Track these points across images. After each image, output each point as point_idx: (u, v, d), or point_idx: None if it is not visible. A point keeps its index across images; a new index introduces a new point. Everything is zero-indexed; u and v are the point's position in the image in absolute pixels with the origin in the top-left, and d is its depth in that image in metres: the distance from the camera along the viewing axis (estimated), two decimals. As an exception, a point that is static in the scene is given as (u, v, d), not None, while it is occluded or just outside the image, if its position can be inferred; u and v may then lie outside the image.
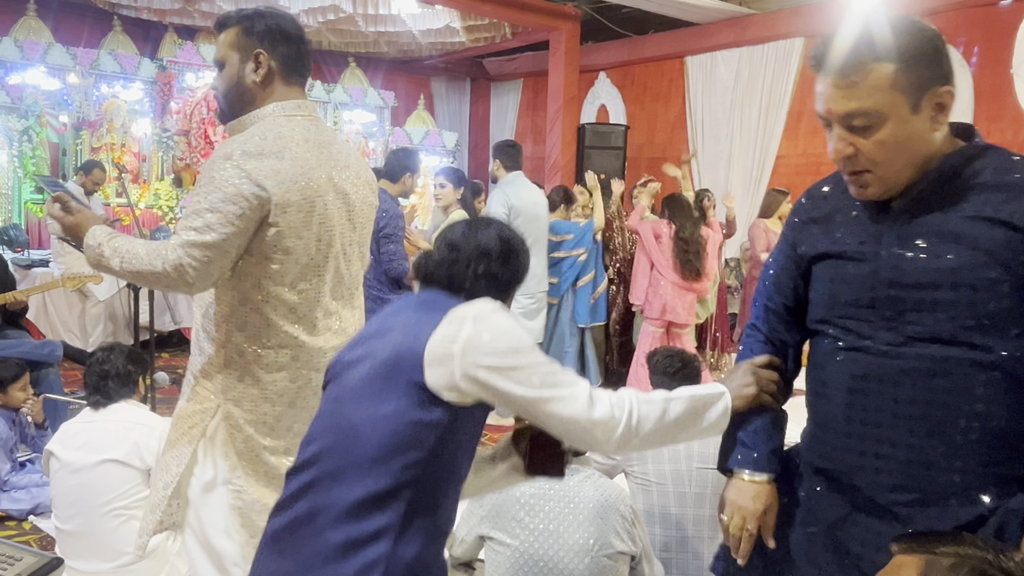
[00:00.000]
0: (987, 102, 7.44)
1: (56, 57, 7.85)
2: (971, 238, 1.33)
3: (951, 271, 1.33)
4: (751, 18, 9.12)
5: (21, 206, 7.94)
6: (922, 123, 1.34)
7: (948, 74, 1.35)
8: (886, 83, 1.31)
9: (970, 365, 1.34)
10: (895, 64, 1.31)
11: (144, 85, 8.50)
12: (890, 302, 1.39)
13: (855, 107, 1.33)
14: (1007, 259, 1.31)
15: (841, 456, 1.48)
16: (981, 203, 1.34)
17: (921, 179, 1.37)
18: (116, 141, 8.49)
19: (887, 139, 1.34)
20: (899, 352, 1.39)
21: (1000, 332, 1.33)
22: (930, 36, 1.34)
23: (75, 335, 6.58)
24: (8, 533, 3.43)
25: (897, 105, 1.32)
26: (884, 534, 1.41)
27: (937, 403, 1.36)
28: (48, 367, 4.27)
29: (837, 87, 1.35)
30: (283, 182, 1.80)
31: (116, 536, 2.75)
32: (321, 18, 8.72)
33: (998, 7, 7.36)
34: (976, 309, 1.33)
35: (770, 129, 9.07)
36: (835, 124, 1.37)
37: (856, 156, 1.37)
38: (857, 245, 1.44)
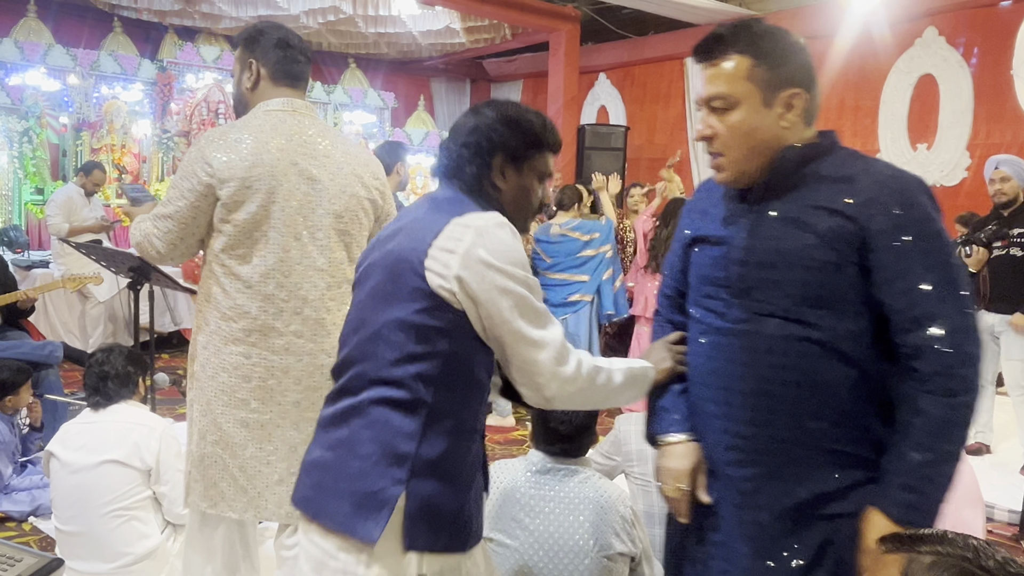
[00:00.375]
0: (987, 103, 7.44)
1: (56, 58, 7.85)
2: (809, 224, 1.47)
3: (789, 252, 1.47)
4: (751, 19, 9.12)
5: (21, 207, 7.94)
6: (771, 118, 1.51)
7: (804, 81, 1.52)
8: (743, 74, 1.50)
9: (801, 341, 1.46)
10: (753, 59, 1.49)
11: (144, 86, 8.50)
12: (739, 280, 1.53)
13: (714, 91, 1.52)
14: (838, 244, 1.44)
15: (703, 433, 1.61)
16: (821, 194, 1.48)
17: (770, 170, 1.53)
18: (116, 142, 8.49)
19: (737, 124, 1.51)
20: (743, 330, 1.52)
21: (832, 311, 1.45)
22: (791, 44, 1.53)
23: (75, 336, 6.58)
24: (8, 534, 3.43)
25: (750, 95, 1.50)
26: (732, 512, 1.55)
27: (775, 379, 1.48)
28: (48, 368, 4.27)
29: (705, 73, 1.54)
30: (231, 159, 2.00)
31: (116, 537, 2.75)
32: (321, 19, 8.73)
33: (998, 8, 7.36)
34: (809, 288, 1.46)
35: (770, 130, 9.07)
36: (702, 106, 1.56)
37: (713, 138, 1.55)
38: (718, 230, 1.60)
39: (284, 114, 2.09)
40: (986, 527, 2.82)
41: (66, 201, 6.53)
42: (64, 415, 4.06)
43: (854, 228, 1.44)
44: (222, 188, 2.00)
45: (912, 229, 1.43)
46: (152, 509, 2.83)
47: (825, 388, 1.46)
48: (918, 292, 1.42)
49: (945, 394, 1.41)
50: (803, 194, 1.50)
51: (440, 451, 1.47)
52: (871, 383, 1.49)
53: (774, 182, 1.52)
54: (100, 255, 4.22)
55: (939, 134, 7.75)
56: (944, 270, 1.44)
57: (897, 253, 1.43)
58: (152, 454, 2.76)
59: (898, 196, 1.45)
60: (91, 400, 2.89)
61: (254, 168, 2.00)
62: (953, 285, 1.43)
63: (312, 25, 8.92)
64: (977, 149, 7.52)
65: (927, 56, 7.81)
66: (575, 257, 5.77)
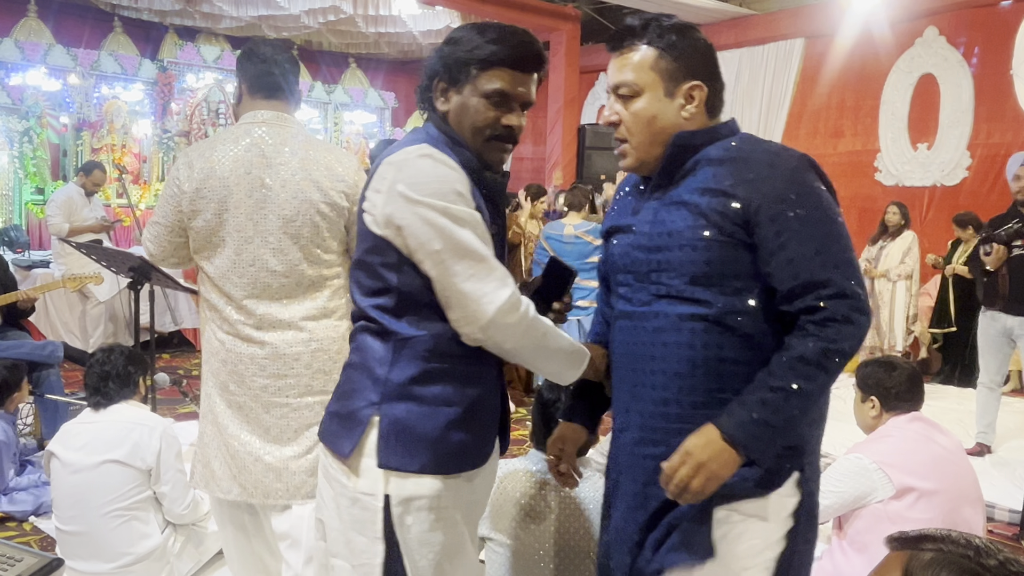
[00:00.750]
0: (988, 102, 7.44)
1: (57, 58, 7.86)
2: (694, 205, 1.52)
3: (676, 233, 1.53)
4: (751, 19, 9.12)
5: (22, 207, 7.95)
6: (673, 108, 1.57)
7: (706, 75, 1.58)
8: (647, 63, 1.56)
9: (694, 319, 1.51)
10: (658, 51, 1.56)
11: (144, 86, 8.51)
12: (640, 265, 1.60)
13: (620, 79, 1.58)
14: (719, 222, 1.49)
15: (618, 416, 1.67)
16: (708, 176, 1.53)
17: (665, 156, 1.58)
18: (117, 142, 8.50)
19: (640, 111, 1.57)
20: (645, 312, 1.58)
21: (722, 289, 1.50)
22: (696, 39, 1.58)
23: (76, 336, 6.58)
24: (8, 534, 3.43)
25: (653, 84, 1.56)
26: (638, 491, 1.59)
27: (672, 358, 1.53)
28: (49, 368, 4.27)
29: (615, 62, 1.60)
30: (191, 173, 2.19)
31: (116, 536, 2.75)
32: (322, 19, 8.73)
33: (998, 8, 7.36)
34: (696, 267, 1.51)
35: (770, 129, 9.06)
36: (610, 93, 1.61)
37: (618, 124, 1.60)
38: (627, 219, 1.66)
39: (251, 126, 2.23)
40: (986, 527, 2.82)
41: (66, 201, 6.53)
42: (65, 415, 4.06)
43: (738, 206, 1.48)
44: (183, 198, 2.20)
45: (793, 202, 1.47)
46: (152, 509, 2.83)
47: (721, 366, 1.50)
48: (802, 261, 1.45)
49: (820, 339, 1.43)
50: (694, 178, 1.55)
51: (410, 375, 1.55)
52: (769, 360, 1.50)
53: (669, 168, 1.58)
54: (100, 255, 4.22)
55: (939, 134, 7.75)
56: (826, 238, 1.47)
57: (779, 226, 1.46)
58: (152, 454, 2.76)
59: (779, 171, 1.49)
60: (92, 400, 2.89)
61: (208, 180, 2.17)
62: (837, 251, 1.47)
63: (312, 25, 8.92)
64: (978, 149, 7.52)
65: (928, 56, 7.81)
66: (585, 261, 5.75)
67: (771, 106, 9.04)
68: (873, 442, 2.62)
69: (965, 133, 7.56)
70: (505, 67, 1.57)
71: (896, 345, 6.69)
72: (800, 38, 8.71)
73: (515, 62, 1.57)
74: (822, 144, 8.75)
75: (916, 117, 7.92)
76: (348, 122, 9.92)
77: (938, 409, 5.55)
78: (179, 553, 2.91)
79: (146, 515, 2.81)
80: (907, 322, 6.80)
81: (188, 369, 6.62)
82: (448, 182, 1.51)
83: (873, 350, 6.72)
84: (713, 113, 1.61)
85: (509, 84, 1.58)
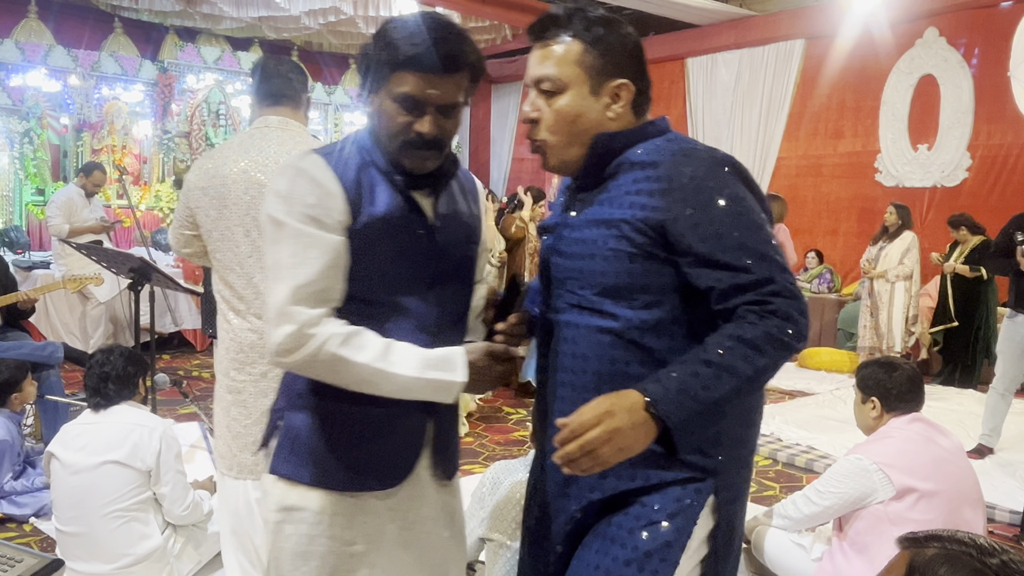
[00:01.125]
0: (988, 103, 7.44)
1: (57, 59, 7.86)
2: (608, 213, 1.44)
3: (589, 242, 1.45)
4: (752, 20, 9.12)
5: (22, 208, 7.95)
6: (598, 106, 1.47)
7: (633, 72, 1.48)
8: (572, 58, 1.46)
9: (601, 332, 1.44)
10: (584, 46, 1.45)
11: (145, 87, 8.51)
12: (558, 270, 1.52)
13: (543, 73, 1.47)
14: (631, 233, 1.40)
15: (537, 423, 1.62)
16: (627, 182, 1.44)
17: (587, 158, 1.49)
18: (117, 143, 8.50)
19: (563, 108, 1.46)
20: (559, 320, 1.51)
21: (632, 302, 1.42)
22: (625, 34, 1.48)
23: (76, 337, 6.58)
24: (9, 535, 3.43)
25: (578, 81, 1.46)
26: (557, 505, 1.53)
27: (578, 369, 1.47)
28: (49, 369, 4.27)
29: (536, 55, 1.49)
30: (199, 172, 2.35)
31: (116, 537, 2.75)
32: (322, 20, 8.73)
33: (999, 8, 7.36)
34: (605, 278, 1.43)
35: (771, 130, 9.07)
36: (530, 88, 1.50)
37: (539, 122, 1.49)
38: (554, 220, 1.59)
39: (256, 130, 2.38)
40: (987, 528, 2.82)
41: (66, 202, 6.53)
42: (65, 416, 4.06)
43: (655, 217, 1.38)
44: (190, 195, 2.36)
45: (714, 206, 1.36)
46: (152, 510, 2.83)
47: (627, 383, 1.34)
48: (731, 263, 1.34)
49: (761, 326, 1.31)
50: (614, 183, 1.46)
51: (304, 385, 1.52)
52: None
53: (590, 171, 1.50)
54: (101, 256, 4.22)
55: (940, 135, 7.75)
56: (757, 240, 1.36)
57: (702, 232, 1.35)
58: (152, 455, 2.76)
59: (700, 178, 1.38)
60: (91, 401, 2.89)
61: (212, 178, 2.31)
62: (772, 252, 1.36)
63: (313, 26, 8.92)
64: (978, 150, 7.52)
65: (928, 56, 7.81)
66: None
67: (771, 107, 9.05)
68: (873, 443, 2.62)
69: (965, 134, 7.57)
70: (413, 69, 1.42)
71: (895, 346, 6.69)
72: (800, 39, 8.72)
73: (424, 64, 1.41)
74: (822, 145, 8.75)
75: (916, 118, 7.92)
76: (348, 123, 9.92)
77: (938, 410, 5.55)
78: (179, 554, 2.90)
79: (146, 516, 2.81)
80: (907, 323, 6.80)
81: (188, 370, 6.61)
82: (299, 192, 1.43)
83: (872, 351, 6.72)
84: (639, 112, 1.51)
85: (417, 87, 1.42)
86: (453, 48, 1.44)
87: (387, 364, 1.42)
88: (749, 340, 1.30)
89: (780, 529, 2.81)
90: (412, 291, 1.51)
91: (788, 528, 2.78)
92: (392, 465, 1.54)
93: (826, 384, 6.66)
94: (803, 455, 4.79)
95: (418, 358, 1.44)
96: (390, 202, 1.48)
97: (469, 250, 1.61)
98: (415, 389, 1.44)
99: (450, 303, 1.57)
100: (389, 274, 1.48)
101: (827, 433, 5.19)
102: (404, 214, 1.49)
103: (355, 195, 1.46)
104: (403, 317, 1.50)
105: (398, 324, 1.49)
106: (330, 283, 1.44)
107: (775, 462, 4.81)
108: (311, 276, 1.41)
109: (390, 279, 1.49)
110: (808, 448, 4.94)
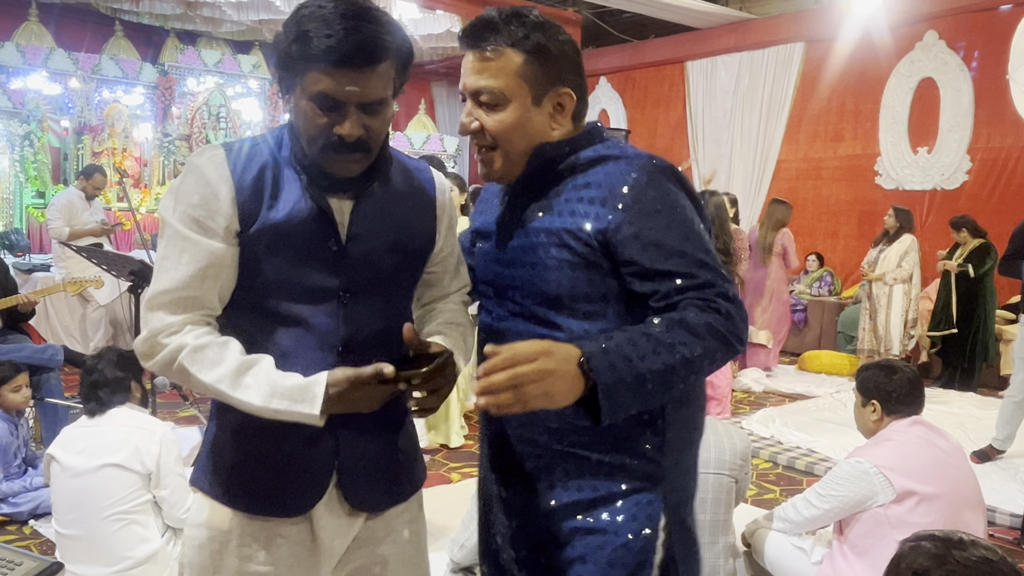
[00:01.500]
0: (988, 106, 7.45)
1: (58, 62, 7.87)
2: (548, 221, 1.41)
3: (529, 250, 1.42)
4: (751, 23, 9.13)
5: (23, 210, 7.95)
6: (542, 116, 1.43)
7: (575, 81, 1.45)
8: (513, 69, 1.39)
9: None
10: (524, 56, 1.39)
11: (145, 90, 8.52)
12: (498, 279, 1.49)
13: (483, 84, 1.40)
14: (571, 241, 1.37)
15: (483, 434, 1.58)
16: (567, 190, 1.42)
17: (527, 165, 1.45)
18: (117, 146, 8.51)
19: (506, 120, 1.41)
20: (501, 328, 1.48)
21: (574, 311, 1.39)
22: (564, 42, 1.43)
23: (76, 339, 6.58)
24: (8, 538, 3.43)
25: (520, 93, 1.40)
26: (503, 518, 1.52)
27: None
28: (49, 371, 4.27)
29: (473, 64, 1.42)
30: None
31: (116, 540, 2.75)
32: (322, 23, 8.74)
33: (998, 12, 7.37)
34: (547, 287, 1.40)
35: (771, 133, 9.08)
36: (468, 98, 1.44)
37: (481, 132, 1.43)
38: (489, 226, 1.54)
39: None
40: (987, 531, 2.82)
41: (67, 205, 6.54)
42: (65, 419, 4.06)
43: (594, 226, 1.35)
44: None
45: (653, 215, 1.33)
46: (153, 513, 2.83)
47: None
48: (672, 271, 1.31)
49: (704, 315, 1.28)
50: (555, 192, 1.43)
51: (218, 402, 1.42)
52: None
53: (530, 179, 1.46)
54: (101, 258, 4.22)
55: (940, 138, 7.76)
56: (696, 246, 1.33)
57: (643, 240, 1.33)
58: (152, 458, 2.76)
59: (638, 186, 1.35)
60: (86, 407, 2.89)
61: None
62: (711, 258, 1.34)
63: (313, 29, 8.93)
64: (978, 153, 7.53)
65: (927, 60, 7.82)
66: None
67: (771, 110, 9.05)
68: (874, 446, 2.62)
69: (965, 137, 7.57)
70: (325, 64, 1.24)
71: (892, 349, 6.69)
72: (800, 42, 8.73)
73: (336, 58, 1.23)
74: (822, 148, 8.76)
75: (916, 121, 7.93)
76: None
77: (939, 413, 5.55)
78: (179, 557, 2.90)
79: (146, 519, 2.81)
80: (906, 326, 6.80)
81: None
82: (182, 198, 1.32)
83: (871, 354, 6.72)
84: (578, 119, 1.48)
85: (333, 85, 1.25)
86: (372, 37, 1.25)
87: (234, 387, 1.28)
88: (690, 325, 1.27)
89: (780, 532, 2.80)
90: (315, 305, 1.35)
91: (788, 531, 2.78)
92: (294, 492, 1.39)
93: (826, 387, 6.66)
94: (803, 458, 4.79)
95: (269, 386, 1.27)
96: (294, 207, 1.32)
97: (397, 260, 1.42)
98: (268, 417, 1.29)
99: (364, 320, 1.38)
100: (287, 285, 1.34)
101: (827, 436, 5.19)
102: (309, 221, 1.33)
103: (249, 198, 1.31)
104: (304, 332, 1.35)
105: (298, 339, 1.35)
106: (199, 292, 1.31)
107: (775, 465, 4.80)
108: (176, 282, 1.30)
109: (288, 291, 1.34)
110: (808, 451, 4.93)
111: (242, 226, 1.31)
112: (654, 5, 8.32)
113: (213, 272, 1.31)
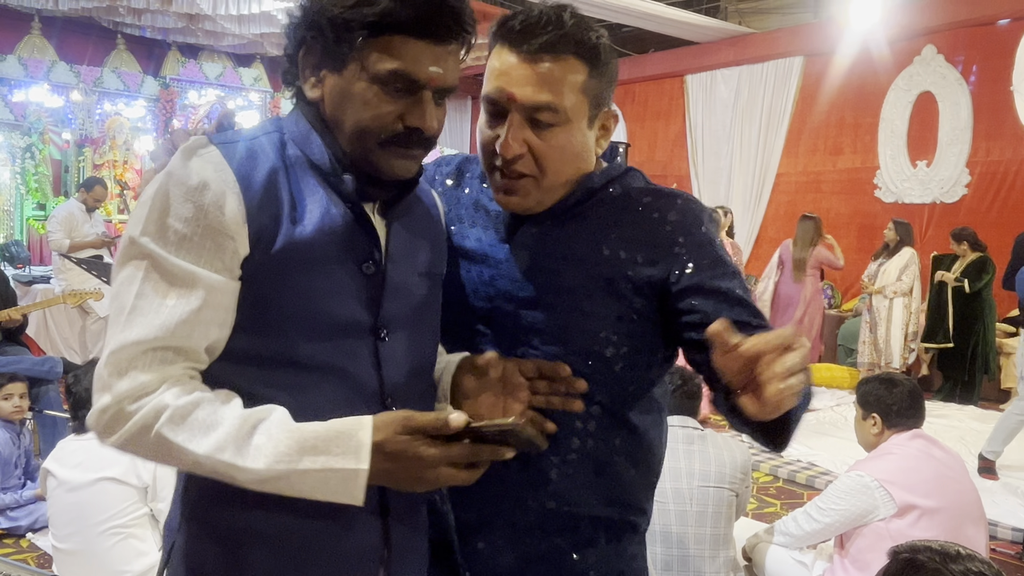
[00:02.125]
0: (986, 120, 7.47)
1: (60, 75, 7.91)
2: (592, 263, 1.18)
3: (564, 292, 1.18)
4: (750, 37, 9.18)
5: (23, 222, 7.96)
6: (591, 141, 1.21)
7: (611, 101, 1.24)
8: (579, 84, 1.14)
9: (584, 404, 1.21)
10: (589, 68, 1.15)
11: (147, 102, 8.56)
12: (506, 317, 1.22)
13: (544, 100, 1.12)
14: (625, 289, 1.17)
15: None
16: (607, 227, 1.20)
17: (567, 197, 1.21)
18: (118, 158, 8.53)
19: (564, 145, 1.16)
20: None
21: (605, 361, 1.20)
22: (614, 60, 1.21)
23: (75, 352, 6.57)
24: (6, 551, 3.41)
25: (581, 112, 1.16)
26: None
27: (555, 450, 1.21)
28: (48, 384, 4.26)
29: (527, 71, 1.12)
30: None
31: (113, 554, 2.74)
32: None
33: (996, 26, 7.41)
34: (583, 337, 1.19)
35: (770, 147, 9.10)
36: (515, 113, 1.14)
37: (524, 157, 1.15)
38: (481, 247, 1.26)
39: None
40: (989, 545, 2.80)
41: (67, 217, 6.55)
42: (64, 431, 4.05)
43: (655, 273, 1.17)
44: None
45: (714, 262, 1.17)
46: (149, 526, 2.82)
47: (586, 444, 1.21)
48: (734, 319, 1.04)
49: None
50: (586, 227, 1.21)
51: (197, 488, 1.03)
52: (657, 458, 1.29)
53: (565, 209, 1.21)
54: (101, 270, 4.23)
55: (939, 151, 7.78)
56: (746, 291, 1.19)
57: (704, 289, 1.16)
58: (149, 471, 2.75)
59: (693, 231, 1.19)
60: (73, 424, 2.89)
61: None
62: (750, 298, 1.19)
63: (314, 42, 8.98)
64: (977, 166, 7.55)
65: (926, 74, 7.86)
66: None
67: (770, 124, 9.08)
68: (874, 459, 2.61)
69: (964, 150, 7.60)
70: (408, 34, 0.98)
71: (892, 362, 6.68)
72: (799, 56, 8.77)
73: (424, 26, 0.98)
74: (821, 161, 8.78)
75: (915, 135, 7.96)
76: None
77: (939, 427, 5.53)
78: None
79: (143, 532, 2.79)
80: (907, 339, 6.79)
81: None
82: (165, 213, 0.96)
83: (872, 367, 6.71)
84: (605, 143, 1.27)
85: (415, 62, 0.99)
86: (454, 4, 1.00)
87: (240, 454, 0.92)
88: None
89: (781, 546, 2.79)
90: (346, 346, 1.03)
91: (789, 545, 2.77)
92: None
93: (827, 400, 6.64)
94: (804, 472, 4.77)
95: (291, 439, 0.93)
96: (323, 220, 1.02)
97: (429, 287, 1.15)
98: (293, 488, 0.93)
99: (405, 364, 1.09)
100: (311, 322, 1.01)
101: (828, 450, 5.17)
102: (344, 236, 1.03)
103: (264, 210, 0.99)
104: (335, 384, 1.02)
105: (325, 395, 1.01)
106: (188, 343, 0.96)
107: (776, 479, 4.79)
108: (157, 330, 0.94)
109: (312, 329, 1.01)
110: (809, 464, 4.92)
111: (253, 248, 0.98)
112: (654, 19, 8.37)
113: (208, 316, 0.96)
